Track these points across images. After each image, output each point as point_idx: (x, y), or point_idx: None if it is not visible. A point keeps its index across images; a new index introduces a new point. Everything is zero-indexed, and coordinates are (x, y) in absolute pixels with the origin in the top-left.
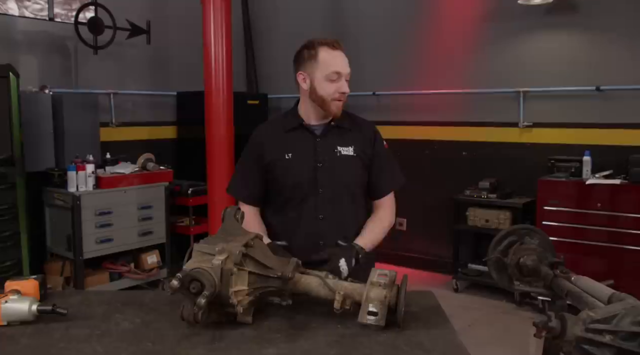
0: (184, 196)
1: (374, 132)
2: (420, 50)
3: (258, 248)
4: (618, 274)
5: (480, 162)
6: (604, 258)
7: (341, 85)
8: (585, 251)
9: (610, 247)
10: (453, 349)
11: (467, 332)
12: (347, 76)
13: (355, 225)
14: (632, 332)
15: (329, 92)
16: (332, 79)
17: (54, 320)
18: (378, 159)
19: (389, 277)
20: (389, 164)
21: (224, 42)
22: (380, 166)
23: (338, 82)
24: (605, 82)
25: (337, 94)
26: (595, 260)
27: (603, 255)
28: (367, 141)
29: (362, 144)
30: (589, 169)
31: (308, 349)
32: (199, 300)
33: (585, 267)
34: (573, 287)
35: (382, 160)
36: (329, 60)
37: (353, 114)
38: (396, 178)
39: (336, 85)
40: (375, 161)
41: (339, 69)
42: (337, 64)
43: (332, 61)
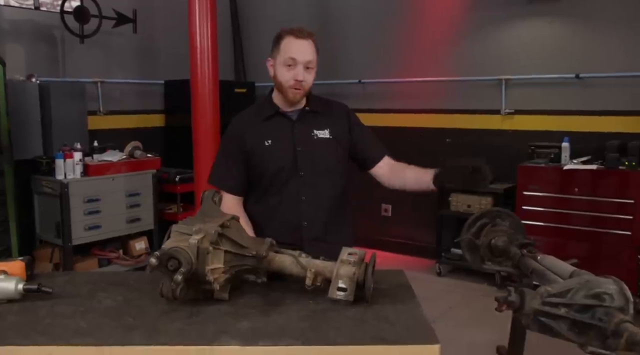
0: (171, 183)
1: (347, 113)
2: (406, 38)
3: (234, 228)
4: (596, 256)
5: (463, 149)
6: (581, 241)
7: (297, 72)
8: (563, 235)
9: (587, 231)
10: (416, 321)
11: (448, 314)
12: (308, 64)
13: (332, 205)
14: (585, 305)
15: (285, 78)
16: (288, 65)
17: (40, 298)
18: (359, 134)
19: (358, 256)
20: (371, 136)
21: (209, 31)
22: (365, 138)
23: (294, 69)
24: (585, 70)
25: (293, 81)
26: (573, 243)
27: (581, 239)
28: (342, 121)
29: (338, 126)
30: (567, 154)
31: (281, 323)
32: (176, 277)
33: (564, 250)
34: (538, 265)
35: (364, 133)
36: (287, 47)
37: (325, 97)
38: (382, 146)
39: (293, 72)
40: (357, 135)
41: (294, 56)
42: (294, 50)
43: (290, 48)
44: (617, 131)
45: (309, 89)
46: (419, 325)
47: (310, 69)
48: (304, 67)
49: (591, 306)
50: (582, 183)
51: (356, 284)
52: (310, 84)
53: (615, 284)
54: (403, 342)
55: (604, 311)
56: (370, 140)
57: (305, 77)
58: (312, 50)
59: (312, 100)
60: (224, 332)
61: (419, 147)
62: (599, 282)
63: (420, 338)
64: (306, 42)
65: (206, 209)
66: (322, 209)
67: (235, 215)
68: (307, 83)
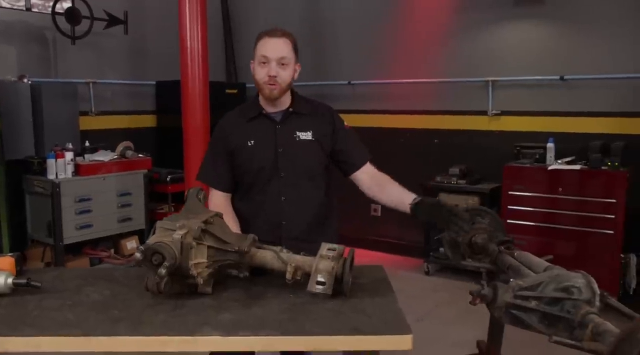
0: (163, 183)
1: (332, 116)
2: (395, 40)
3: (217, 225)
4: (580, 255)
5: (451, 149)
6: (566, 240)
7: (269, 68)
8: (548, 234)
9: (571, 230)
10: (391, 313)
11: (435, 312)
12: (281, 61)
13: (313, 205)
14: (555, 298)
15: (260, 76)
16: (262, 62)
17: (29, 292)
18: (343, 138)
19: (337, 251)
20: (355, 140)
21: (199, 32)
22: (346, 143)
23: (267, 66)
24: (569, 72)
25: (267, 78)
26: (558, 242)
27: (565, 238)
28: (325, 124)
29: (321, 128)
30: (552, 155)
31: (261, 315)
32: (160, 271)
33: (549, 249)
34: (514, 261)
35: (348, 137)
36: (261, 46)
37: (311, 99)
38: (365, 152)
39: (265, 70)
40: (341, 141)
41: (266, 53)
42: (266, 48)
43: (262, 46)
44: (601, 132)
45: (287, 85)
46: (393, 317)
47: (285, 66)
48: (278, 64)
49: (560, 299)
50: (566, 183)
51: (335, 278)
52: (286, 80)
53: (583, 278)
54: (377, 332)
55: (572, 303)
56: (354, 145)
57: (279, 73)
58: (285, 47)
59: (297, 102)
60: (206, 324)
61: (407, 147)
62: (568, 276)
63: (394, 329)
64: (279, 40)
65: (190, 206)
66: (302, 210)
67: (218, 212)
68: (281, 78)
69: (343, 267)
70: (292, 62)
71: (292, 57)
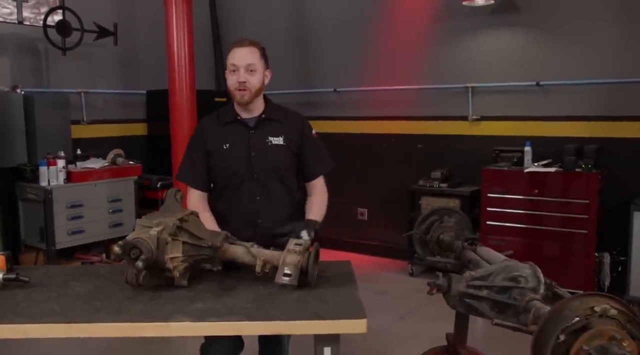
0: (153, 190)
1: (302, 123)
2: (377, 48)
3: (192, 222)
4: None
5: (433, 154)
6: (543, 240)
7: (239, 75)
8: (525, 234)
9: (548, 230)
10: (350, 302)
11: (417, 310)
12: (249, 67)
13: (287, 204)
14: (504, 286)
15: (231, 82)
16: (232, 71)
17: (18, 287)
18: (307, 147)
19: (304, 245)
20: (318, 150)
21: (186, 43)
22: (309, 152)
23: (237, 73)
24: (545, 78)
25: (237, 84)
26: (535, 242)
27: (542, 238)
28: (296, 131)
29: (291, 134)
30: (529, 158)
31: (230, 304)
32: (137, 263)
33: (527, 248)
34: (474, 256)
35: (311, 147)
36: (230, 56)
37: (285, 107)
38: (325, 163)
39: (235, 77)
40: (305, 149)
41: (235, 62)
42: (234, 57)
43: (232, 56)
44: (575, 135)
45: (257, 91)
46: (352, 304)
47: (253, 72)
48: (246, 70)
49: (509, 287)
50: (543, 185)
51: (300, 271)
52: (255, 85)
53: (530, 268)
54: (335, 317)
55: (519, 291)
56: (315, 156)
57: (248, 79)
58: (252, 55)
59: (269, 109)
60: (179, 312)
61: (392, 153)
62: (517, 266)
63: (351, 314)
64: (246, 49)
65: (168, 206)
66: (275, 208)
67: (194, 211)
68: (250, 84)
69: (307, 260)
70: (260, 69)
71: (261, 64)
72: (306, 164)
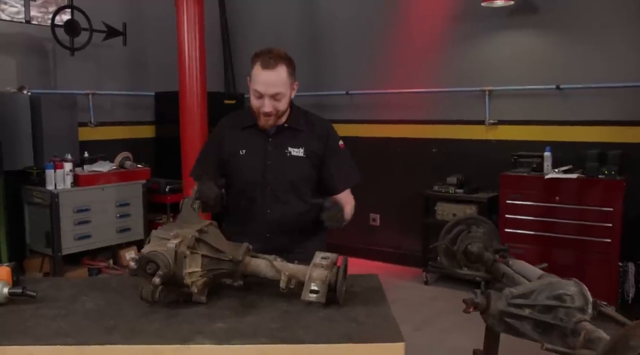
0: (161, 193)
1: (327, 131)
2: (392, 50)
3: (212, 233)
4: (577, 263)
5: (448, 159)
6: (563, 249)
7: (262, 103)
8: (546, 243)
9: (569, 239)
10: (384, 322)
11: (433, 320)
12: (275, 96)
13: (300, 220)
14: (548, 305)
15: (254, 106)
16: (255, 96)
17: (25, 302)
18: (330, 158)
19: (331, 259)
20: (344, 164)
21: (197, 44)
22: (333, 164)
23: (261, 100)
24: (565, 81)
25: (261, 110)
26: (555, 251)
27: (563, 246)
28: (319, 141)
29: (314, 145)
30: (549, 164)
31: (254, 324)
32: (154, 279)
33: (547, 257)
34: (508, 269)
35: (335, 158)
36: (254, 77)
37: (310, 112)
38: (350, 176)
39: (259, 102)
40: (328, 160)
41: (259, 89)
42: (258, 82)
43: (256, 79)
44: (597, 141)
45: (283, 112)
46: (386, 325)
47: (280, 98)
48: (271, 99)
49: (553, 307)
50: (564, 192)
51: (328, 287)
52: (282, 109)
53: (575, 286)
54: (369, 340)
55: (565, 311)
56: (340, 169)
57: (275, 106)
58: (279, 81)
59: (293, 116)
60: (199, 333)
61: (405, 157)
62: (561, 283)
63: (386, 337)
64: (273, 73)
65: (185, 215)
66: (287, 224)
67: (213, 221)
68: (277, 110)
69: (336, 275)
70: (288, 91)
71: (288, 85)
72: (329, 178)
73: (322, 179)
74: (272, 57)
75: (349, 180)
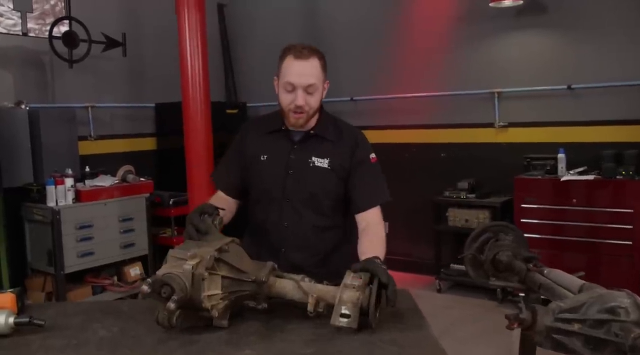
0: (165, 207)
1: (356, 143)
2: (396, 54)
3: (233, 252)
4: (596, 267)
5: (458, 163)
6: (581, 253)
7: (295, 97)
8: (563, 247)
9: (587, 242)
10: (426, 345)
11: (449, 330)
12: (308, 89)
13: (319, 238)
14: (599, 320)
15: (285, 102)
16: (287, 90)
17: (32, 332)
18: (357, 173)
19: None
20: (372, 178)
21: (199, 53)
22: (358, 178)
23: (292, 94)
24: (576, 81)
25: (293, 106)
26: (573, 255)
27: (581, 250)
28: (346, 153)
29: (340, 156)
30: (563, 166)
31: (284, 350)
32: (169, 304)
33: (564, 262)
34: (545, 279)
35: (363, 174)
36: (286, 69)
37: (340, 120)
38: (377, 194)
39: (291, 97)
40: (355, 174)
41: (292, 80)
42: (291, 73)
43: (288, 70)
44: (612, 141)
45: (315, 111)
46: (428, 344)
47: (313, 92)
48: (304, 91)
49: (606, 321)
50: (580, 194)
51: (360, 309)
52: (314, 106)
53: (629, 297)
54: None
55: (620, 326)
56: (367, 185)
57: (307, 101)
58: (313, 72)
59: (322, 123)
60: None
61: (413, 163)
62: (612, 295)
63: None
64: (307, 64)
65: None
66: (304, 240)
67: (235, 239)
68: (309, 106)
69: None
70: (320, 86)
71: (321, 80)
72: (354, 193)
73: (346, 193)
74: (305, 48)
75: (376, 198)
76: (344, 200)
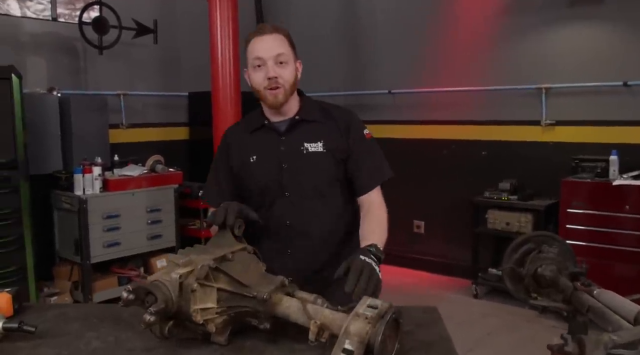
0: (194, 198)
1: (348, 121)
2: (437, 47)
3: (238, 262)
4: None
5: (500, 162)
6: (632, 264)
7: (267, 70)
8: (612, 257)
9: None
10: None
11: (486, 340)
12: (279, 58)
13: (326, 230)
14: None
15: (258, 81)
16: (256, 66)
17: (22, 338)
18: (355, 151)
19: (379, 309)
20: (371, 155)
21: (231, 42)
22: (360, 159)
23: (263, 69)
24: (634, 77)
25: (266, 81)
26: (623, 266)
27: (631, 261)
28: (340, 133)
29: (335, 136)
30: (616, 168)
31: None
32: (145, 316)
33: (612, 273)
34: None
35: (361, 151)
36: (251, 48)
37: (327, 103)
38: (378, 172)
39: (262, 73)
40: (353, 154)
41: (259, 54)
42: (257, 49)
43: (253, 47)
44: None
45: (291, 86)
46: None
47: (284, 64)
48: (276, 63)
49: None
50: (634, 200)
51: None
52: (288, 80)
53: None
54: None
55: None
56: (367, 163)
57: (279, 73)
58: (279, 43)
59: (305, 107)
60: None
61: (452, 160)
62: None
63: None
64: (270, 37)
65: (219, 238)
66: (310, 237)
67: (249, 246)
68: (283, 79)
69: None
70: (292, 59)
71: (291, 54)
72: (355, 174)
73: (347, 174)
74: (267, 25)
75: (378, 176)
76: (347, 186)
